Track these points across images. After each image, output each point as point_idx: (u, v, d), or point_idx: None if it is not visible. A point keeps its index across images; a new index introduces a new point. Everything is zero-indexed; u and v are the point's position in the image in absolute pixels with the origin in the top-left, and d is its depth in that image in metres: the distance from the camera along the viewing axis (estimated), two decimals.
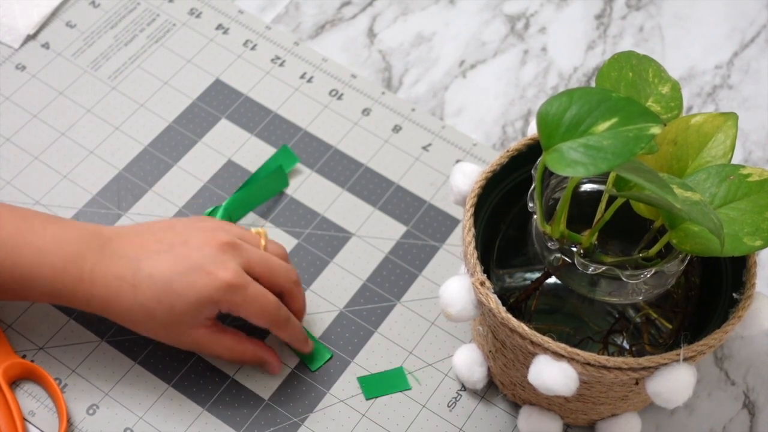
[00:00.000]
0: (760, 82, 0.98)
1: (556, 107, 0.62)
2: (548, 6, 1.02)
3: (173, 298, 0.71)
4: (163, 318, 0.72)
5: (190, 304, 0.72)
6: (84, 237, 0.73)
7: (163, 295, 0.71)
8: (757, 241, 0.65)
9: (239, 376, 0.79)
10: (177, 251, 0.72)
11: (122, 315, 0.73)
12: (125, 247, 0.73)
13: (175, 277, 0.71)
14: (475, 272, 0.69)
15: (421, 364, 0.81)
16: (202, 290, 0.71)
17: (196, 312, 0.72)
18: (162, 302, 0.72)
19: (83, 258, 0.72)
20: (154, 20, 0.98)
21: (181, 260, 0.72)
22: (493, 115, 0.95)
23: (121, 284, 0.72)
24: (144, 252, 0.73)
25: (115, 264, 0.72)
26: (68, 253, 0.72)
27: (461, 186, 0.73)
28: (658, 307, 0.74)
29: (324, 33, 0.99)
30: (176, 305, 0.72)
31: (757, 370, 0.82)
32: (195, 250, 0.72)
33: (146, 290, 0.72)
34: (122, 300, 0.72)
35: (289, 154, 0.90)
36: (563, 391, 0.66)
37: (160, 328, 0.74)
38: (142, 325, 0.74)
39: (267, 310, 0.74)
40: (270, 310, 0.75)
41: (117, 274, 0.72)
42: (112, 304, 0.72)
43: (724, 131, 0.70)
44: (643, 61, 0.71)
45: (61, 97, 0.93)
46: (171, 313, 0.72)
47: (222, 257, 0.72)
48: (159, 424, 0.77)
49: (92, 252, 0.73)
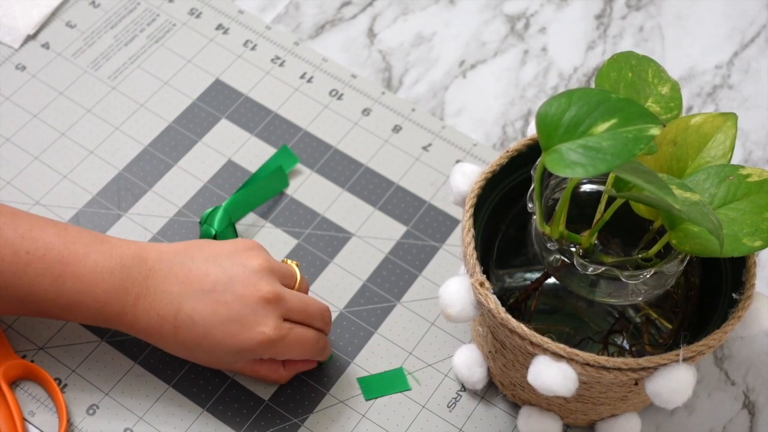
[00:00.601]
0: (760, 82, 0.98)
1: (556, 108, 0.62)
2: (548, 6, 1.02)
3: (213, 345, 0.73)
4: (203, 357, 0.75)
5: (229, 353, 0.73)
6: (126, 266, 0.73)
7: (203, 340, 0.73)
8: (757, 242, 0.65)
9: (239, 377, 0.79)
10: (219, 296, 0.72)
11: (165, 347, 0.75)
12: (168, 282, 0.73)
13: (216, 325, 0.72)
14: (474, 273, 0.69)
15: (421, 365, 0.81)
16: (241, 343, 0.72)
17: (235, 358, 0.74)
18: (202, 345, 0.73)
19: (126, 291, 0.72)
20: (154, 20, 0.98)
21: (222, 308, 0.72)
22: (493, 115, 0.95)
23: (163, 323, 0.73)
24: (185, 290, 0.72)
25: (157, 301, 0.72)
26: (110, 286, 0.72)
27: (461, 186, 0.73)
28: (658, 308, 0.74)
29: (324, 33, 0.99)
30: (216, 351, 0.73)
31: (757, 371, 0.82)
32: (237, 301, 0.72)
33: (186, 332, 0.72)
34: (163, 337, 0.73)
35: (290, 154, 0.90)
36: (563, 392, 0.66)
37: (200, 362, 0.76)
38: (184, 356, 0.76)
39: (307, 348, 0.76)
40: (310, 348, 0.76)
41: (158, 312, 0.72)
42: (154, 338, 0.74)
43: (724, 131, 0.70)
44: (643, 61, 0.71)
45: (61, 97, 0.93)
46: (211, 355, 0.74)
47: (263, 311, 0.72)
48: (159, 424, 0.77)
49: (134, 285, 0.73)
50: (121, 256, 0.73)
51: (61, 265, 0.72)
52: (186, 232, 0.86)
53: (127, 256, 0.73)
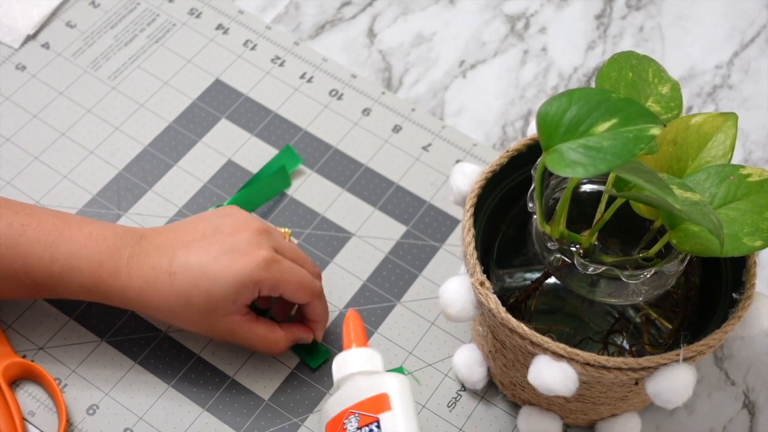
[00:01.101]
0: (760, 82, 0.98)
1: (556, 108, 0.62)
2: (548, 6, 1.02)
3: (210, 281, 0.72)
4: (200, 304, 0.73)
5: (228, 286, 0.72)
6: (119, 234, 0.75)
7: (200, 279, 0.72)
8: (757, 242, 0.65)
9: (239, 376, 0.79)
10: (210, 239, 0.74)
11: (159, 306, 0.74)
12: (159, 240, 0.74)
13: (211, 260, 0.72)
14: (474, 272, 0.69)
15: (421, 365, 0.81)
16: (239, 271, 0.72)
17: (234, 294, 0.73)
18: (199, 287, 0.72)
19: (119, 252, 0.74)
20: (154, 20, 0.98)
21: (215, 245, 0.73)
22: (493, 115, 0.95)
23: (158, 273, 0.73)
24: (178, 242, 0.74)
25: (150, 255, 0.73)
26: (105, 248, 0.73)
27: (461, 186, 0.73)
28: (658, 307, 0.74)
29: (324, 33, 0.99)
30: (214, 289, 0.72)
31: (757, 370, 0.82)
32: (228, 236, 0.74)
33: (182, 277, 0.72)
34: (159, 289, 0.73)
35: (293, 154, 0.90)
36: (563, 392, 0.66)
37: (197, 315, 0.74)
38: (178, 316, 0.74)
39: (305, 281, 0.75)
40: (308, 282, 0.76)
41: (153, 265, 0.73)
42: (149, 294, 0.73)
43: (724, 131, 0.70)
44: (643, 61, 0.71)
45: (61, 97, 0.93)
46: (208, 298, 0.72)
47: (256, 239, 0.74)
48: (159, 424, 0.77)
49: (127, 246, 0.74)
50: (113, 227, 0.75)
51: (55, 232, 0.74)
52: None
53: (118, 228, 0.76)
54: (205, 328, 0.75)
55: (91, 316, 0.81)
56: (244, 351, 0.80)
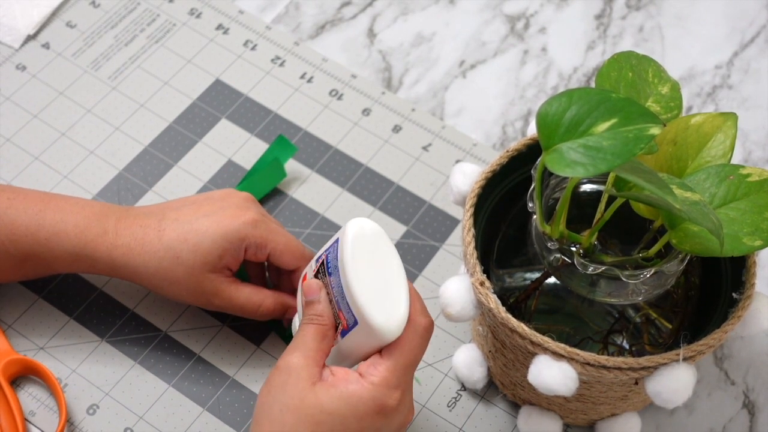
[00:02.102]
0: (759, 82, 0.98)
1: (556, 107, 0.62)
2: (548, 6, 1.02)
3: (199, 235, 0.73)
4: (188, 259, 0.73)
5: (215, 241, 0.73)
6: (107, 204, 0.77)
7: (189, 234, 0.73)
8: (757, 241, 0.65)
9: (239, 377, 0.79)
10: (200, 202, 0.75)
11: (146, 263, 0.74)
12: (149, 208, 0.76)
13: (201, 217, 0.74)
14: (474, 272, 0.69)
15: (421, 364, 0.81)
16: (227, 225, 0.73)
17: (221, 250, 0.73)
18: (188, 241, 0.73)
19: (106, 216, 0.75)
20: (154, 20, 0.98)
21: (205, 205, 0.75)
22: (493, 115, 0.95)
23: (147, 230, 0.74)
24: (169, 207, 0.76)
25: (139, 217, 0.75)
26: (91, 213, 0.75)
27: (461, 186, 0.73)
28: (658, 307, 0.74)
29: (324, 33, 0.99)
30: (202, 243, 0.73)
31: (756, 370, 0.82)
32: (218, 200, 0.76)
33: (171, 232, 0.73)
34: (147, 244, 0.73)
35: (286, 144, 0.89)
36: (563, 391, 0.66)
37: (183, 272, 0.74)
38: (165, 273, 0.74)
39: (293, 243, 0.76)
40: (295, 244, 0.76)
41: (142, 223, 0.74)
42: (136, 251, 0.74)
43: (724, 131, 0.70)
44: (643, 61, 0.71)
45: (62, 98, 0.93)
46: (196, 252, 0.73)
47: (244, 204, 0.76)
48: (159, 424, 0.77)
49: (114, 212, 0.75)
50: (100, 202, 0.77)
51: (42, 202, 0.75)
52: None
53: (105, 201, 0.78)
54: (190, 288, 0.75)
55: (91, 316, 0.81)
56: (245, 351, 0.80)
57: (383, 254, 0.66)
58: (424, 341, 0.66)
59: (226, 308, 0.76)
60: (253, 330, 0.81)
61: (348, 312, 0.64)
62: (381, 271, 0.65)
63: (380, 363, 0.64)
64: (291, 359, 0.64)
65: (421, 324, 0.65)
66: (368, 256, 0.65)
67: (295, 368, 0.64)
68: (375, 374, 0.64)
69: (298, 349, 0.65)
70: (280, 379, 0.64)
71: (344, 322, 0.65)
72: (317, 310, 0.65)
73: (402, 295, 0.65)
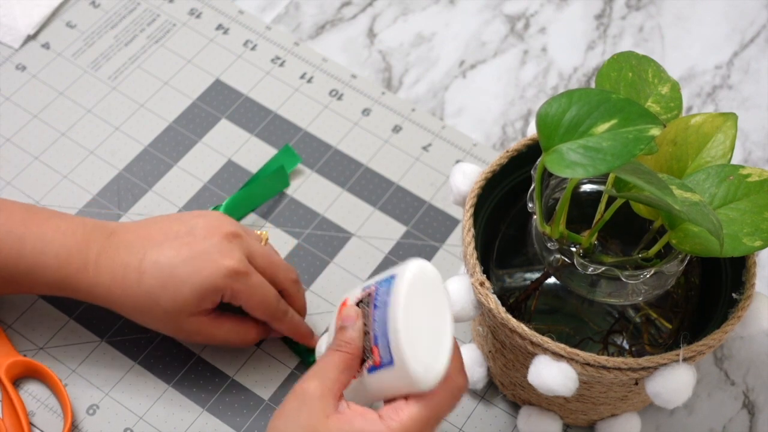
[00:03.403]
0: (759, 82, 0.98)
1: (556, 108, 0.62)
2: (548, 6, 1.02)
3: (178, 284, 0.72)
4: (167, 304, 0.73)
5: (194, 290, 0.72)
6: (88, 228, 0.74)
7: (168, 280, 0.72)
8: (757, 242, 0.65)
9: (239, 377, 0.79)
10: (182, 240, 0.73)
11: (126, 303, 0.74)
12: (130, 238, 0.74)
13: (180, 263, 0.72)
14: (474, 272, 0.69)
15: None
16: (207, 276, 0.72)
17: (199, 299, 0.73)
18: (167, 288, 0.72)
19: (88, 247, 0.73)
20: (154, 20, 0.98)
21: (186, 247, 0.73)
22: (493, 115, 0.95)
23: (127, 271, 0.72)
24: (149, 242, 0.73)
25: (120, 253, 0.73)
26: (73, 243, 0.73)
27: (461, 186, 0.73)
28: (658, 307, 0.74)
29: (324, 33, 0.99)
30: (181, 291, 0.72)
31: (756, 371, 0.82)
32: (200, 239, 0.73)
33: (151, 277, 0.72)
34: (127, 287, 0.73)
35: (292, 153, 0.90)
36: (563, 392, 0.66)
37: (163, 315, 0.74)
38: (145, 314, 0.74)
39: (267, 301, 0.75)
40: (270, 302, 0.75)
41: (123, 262, 0.73)
42: (116, 292, 0.73)
43: (724, 131, 0.70)
44: (643, 61, 0.71)
45: (62, 98, 0.93)
46: (175, 299, 0.72)
47: (227, 245, 0.73)
48: (159, 424, 0.77)
49: (96, 242, 0.73)
50: (82, 222, 0.75)
51: (23, 227, 0.73)
52: None
53: (88, 222, 0.75)
54: (171, 328, 0.75)
55: (91, 316, 0.81)
56: (245, 351, 0.80)
57: (436, 302, 0.63)
58: (454, 400, 0.63)
59: (209, 343, 0.77)
60: None
61: (385, 350, 0.62)
62: (430, 318, 0.62)
63: (404, 409, 0.61)
64: (308, 386, 0.62)
65: (457, 382, 0.63)
66: (422, 300, 0.62)
67: (311, 397, 0.62)
68: (396, 419, 0.61)
69: (317, 376, 0.62)
70: (295, 405, 0.62)
71: (377, 359, 0.62)
72: (348, 338, 0.63)
73: (446, 348, 0.62)
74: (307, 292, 0.83)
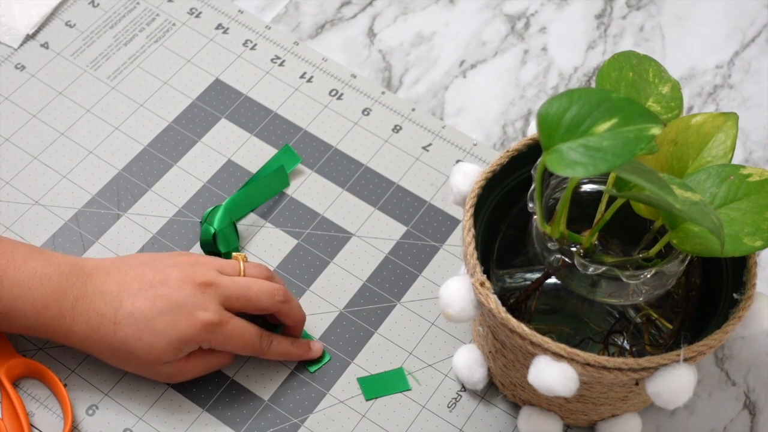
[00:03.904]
0: (760, 82, 0.97)
1: (556, 108, 0.62)
2: (548, 6, 1.02)
3: (154, 337, 0.73)
4: (143, 355, 0.74)
5: (171, 343, 0.73)
6: (64, 273, 0.74)
7: (143, 333, 0.73)
8: (758, 242, 0.64)
9: (239, 377, 0.79)
10: (157, 290, 0.73)
11: (102, 350, 0.74)
12: (106, 284, 0.74)
13: (156, 316, 0.73)
14: (475, 273, 0.69)
15: (421, 365, 0.81)
16: (183, 330, 0.73)
17: (176, 351, 0.74)
18: (142, 340, 0.73)
19: (64, 295, 0.73)
20: (154, 20, 0.98)
21: (161, 300, 0.73)
22: (493, 115, 0.95)
23: (102, 321, 0.73)
24: (125, 290, 0.74)
25: (96, 301, 0.73)
26: (49, 290, 0.73)
27: (461, 186, 0.73)
28: (659, 308, 0.74)
29: (324, 33, 0.99)
30: (156, 344, 0.73)
31: (757, 371, 0.82)
32: (174, 290, 0.73)
33: (126, 328, 0.73)
34: (103, 336, 0.73)
35: (292, 153, 0.89)
36: (563, 392, 0.66)
37: (139, 364, 0.75)
38: (121, 361, 0.75)
39: (248, 343, 0.76)
40: (251, 342, 0.76)
41: (98, 311, 0.73)
42: (92, 340, 0.74)
43: (725, 131, 0.70)
44: (644, 60, 0.71)
45: (61, 97, 0.93)
46: (150, 351, 0.73)
47: (201, 297, 0.74)
48: (159, 425, 0.77)
49: (73, 288, 0.73)
50: (58, 264, 0.74)
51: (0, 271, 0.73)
52: (186, 232, 0.86)
53: (64, 265, 0.74)
54: (148, 373, 0.76)
55: None
56: None
57: None
58: None
59: (189, 378, 0.77)
60: None
61: None
62: None
63: None
64: None
65: None
66: None
67: None
68: None
69: None
70: None
71: None
72: None
73: None
74: (307, 292, 0.83)
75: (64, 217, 0.86)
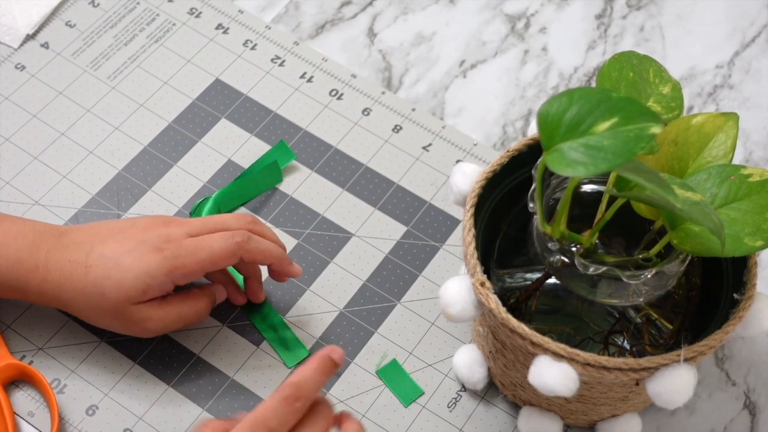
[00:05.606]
0: (760, 82, 0.97)
1: (557, 107, 0.62)
2: (549, 6, 1.02)
3: (122, 273, 0.73)
4: (112, 294, 0.74)
5: (138, 277, 0.74)
6: (39, 230, 0.76)
7: (112, 271, 0.74)
8: (758, 242, 0.64)
9: (239, 377, 0.79)
10: (126, 233, 0.75)
11: (75, 299, 0.75)
12: (79, 237, 0.76)
13: (125, 253, 0.74)
14: (475, 273, 0.69)
15: (421, 365, 0.81)
16: (149, 263, 0.74)
17: (144, 286, 0.74)
18: (111, 278, 0.73)
19: (38, 248, 0.75)
20: (154, 20, 0.98)
21: (129, 240, 0.75)
22: (493, 115, 0.95)
23: (74, 267, 0.74)
24: (96, 237, 0.76)
25: (69, 250, 0.75)
26: (23, 245, 0.75)
27: (461, 186, 0.73)
28: (659, 308, 0.74)
29: (324, 33, 0.99)
30: (125, 279, 0.73)
31: (758, 371, 0.82)
32: (141, 230, 0.75)
33: (97, 269, 0.74)
34: (74, 281, 0.74)
35: (286, 149, 0.89)
36: (563, 392, 0.66)
37: (110, 307, 0.74)
38: (93, 309, 0.75)
39: (216, 256, 0.75)
40: (220, 253, 0.75)
41: (70, 259, 0.74)
42: (65, 287, 0.74)
43: (725, 131, 0.70)
44: (644, 60, 0.71)
45: (61, 97, 0.93)
46: (120, 288, 0.73)
47: (166, 230, 0.75)
48: (159, 425, 0.77)
49: (47, 242, 0.75)
50: (33, 224, 0.77)
51: None
52: None
53: (38, 225, 0.77)
54: (119, 319, 0.76)
55: None
56: (244, 351, 0.80)
57: None
58: None
59: (165, 329, 0.77)
60: (253, 330, 0.81)
61: None
62: None
63: None
64: None
65: None
66: None
67: None
68: None
69: None
70: None
71: None
72: None
73: None
74: (307, 291, 0.83)
75: (64, 217, 0.86)
